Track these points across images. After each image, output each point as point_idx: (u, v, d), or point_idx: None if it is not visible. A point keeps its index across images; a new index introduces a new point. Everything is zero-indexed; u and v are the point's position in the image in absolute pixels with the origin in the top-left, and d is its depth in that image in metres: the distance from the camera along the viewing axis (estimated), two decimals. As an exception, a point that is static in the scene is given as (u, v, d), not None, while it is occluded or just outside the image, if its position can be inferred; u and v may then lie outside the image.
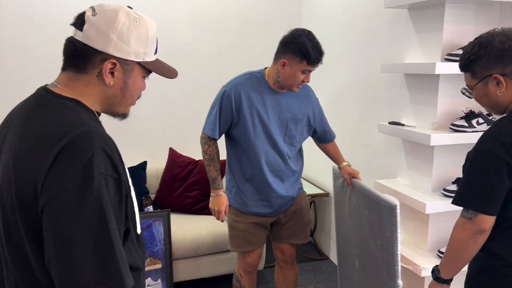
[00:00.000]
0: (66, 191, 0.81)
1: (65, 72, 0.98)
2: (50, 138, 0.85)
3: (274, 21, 3.71)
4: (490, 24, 2.15)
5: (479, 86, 1.35)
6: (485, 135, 1.31)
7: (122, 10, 0.96)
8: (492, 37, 1.30)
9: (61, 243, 0.81)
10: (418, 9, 2.29)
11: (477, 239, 1.31)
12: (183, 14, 3.47)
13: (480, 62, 1.31)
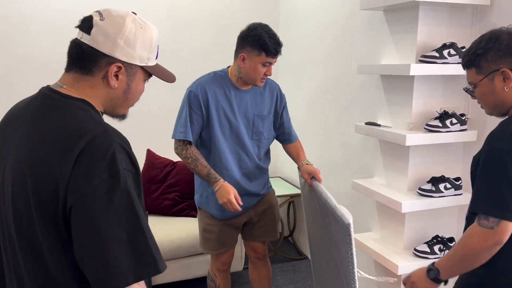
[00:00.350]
0: (94, 187, 0.85)
1: (69, 73, 1.00)
2: (69, 139, 0.88)
3: (252, 21, 3.70)
4: (462, 27, 2.20)
5: (484, 82, 1.29)
6: (498, 132, 1.24)
7: (129, 17, 1.00)
8: (499, 33, 1.28)
9: (95, 237, 0.85)
10: (393, 11, 2.33)
11: (494, 250, 1.21)
12: (162, 14, 3.44)
13: (488, 56, 1.27)
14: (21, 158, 0.92)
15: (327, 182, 3.24)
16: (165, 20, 3.45)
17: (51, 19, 3.15)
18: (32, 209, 0.89)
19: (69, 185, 0.86)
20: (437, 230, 2.28)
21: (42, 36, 3.15)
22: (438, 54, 2.08)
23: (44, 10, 3.14)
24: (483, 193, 1.21)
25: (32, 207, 0.89)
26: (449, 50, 2.09)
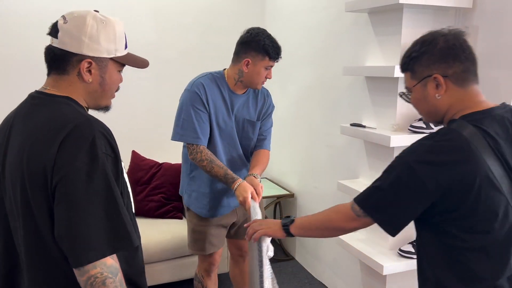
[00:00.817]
0: (76, 168, 0.94)
1: (50, 77, 1.11)
2: (54, 128, 0.98)
3: (238, 22, 3.70)
4: (446, 29, 2.23)
5: (418, 88, 1.22)
6: (414, 145, 1.17)
7: (89, 15, 1.09)
8: (436, 35, 1.19)
9: (75, 213, 0.94)
10: (377, 13, 2.35)
11: (348, 232, 1.32)
12: (146, 14, 3.41)
13: (421, 60, 1.19)
14: (16, 152, 1.02)
15: (313, 183, 3.25)
16: (150, 20, 3.43)
17: (33, 17, 3.10)
18: (29, 194, 0.98)
19: (54, 167, 0.95)
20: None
21: (23, 35, 3.10)
22: (421, 56, 2.10)
23: (23, 9, 3.09)
24: (372, 188, 1.21)
25: (28, 193, 0.98)
26: (433, 52, 2.11)
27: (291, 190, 3.54)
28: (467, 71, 1.17)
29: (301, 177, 3.45)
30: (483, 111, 1.16)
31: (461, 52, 1.16)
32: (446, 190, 1.09)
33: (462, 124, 1.13)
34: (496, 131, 1.13)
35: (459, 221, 1.12)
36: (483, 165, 1.08)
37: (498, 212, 1.10)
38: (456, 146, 1.09)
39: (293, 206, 3.54)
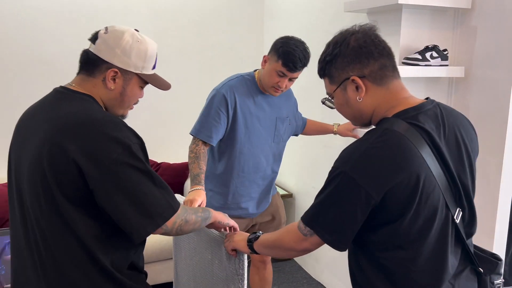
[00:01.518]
0: (114, 160, 1.05)
1: (78, 75, 1.22)
2: (79, 122, 1.08)
3: (237, 22, 3.70)
4: (444, 29, 2.23)
5: (338, 93, 1.14)
6: (349, 151, 1.07)
7: (128, 32, 1.21)
8: (347, 34, 1.12)
9: (133, 194, 1.06)
10: (376, 14, 2.34)
11: (300, 254, 1.21)
12: (144, 14, 3.40)
13: (336, 63, 1.11)
14: (38, 143, 1.09)
15: (311, 183, 3.25)
16: (148, 20, 3.41)
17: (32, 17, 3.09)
18: (51, 185, 1.05)
19: (86, 161, 1.04)
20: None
21: (22, 35, 3.09)
22: (420, 57, 2.10)
23: (20, 8, 3.07)
24: (314, 205, 1.11)
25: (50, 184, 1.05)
26: (432, 53, 2.11)
27: (290, 191, 3.54)
28: (384, 68, 1.09)
29: (299, 178, 3.44)
30: (415, 107, 1.09)
31: (373, 49, 1.09)
32: (390, 195, 1.00)
33: (397, 122, 1.05)
34: (431, 126, 1.07)
35: (400, 230, 1.04)
36: (423, 163, 1.02)
37: (437, 212, 1.05)
38: (393, 146, 1.02)
39: (292, 207, 3.53)
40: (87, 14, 3.22)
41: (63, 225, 1.08)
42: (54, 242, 1.09)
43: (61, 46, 3.18)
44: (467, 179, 1.13)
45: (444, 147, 1.08)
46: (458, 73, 2.18)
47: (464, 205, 1.12)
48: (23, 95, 3.14)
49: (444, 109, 1.15)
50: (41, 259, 1.11)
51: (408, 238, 1.05)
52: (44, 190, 1.07)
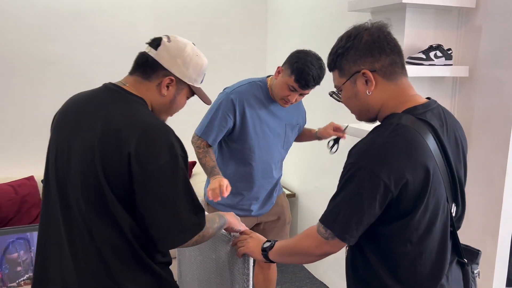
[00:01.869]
0: (160, 166, 1.09)
1: (132, 76, 1.24)
2: (135, 125, 1.10)
3: (240, 22, 3.70)
4: (449, 29, 2.22)
5: (347, 86, 1.16)
6: (364, 146, 1.09)
7: (190, 45, 1.28)
8: (360, 29, 1.14)
9: (169, 205, 1.11)
10: (380, 13, 2.34)
11: (321, 258, 1.19)
12: (148, 13, 3.40)
13: (348, 56, 1.13)
14: (90, 137, 1.11)
15: (314, 183, 3.24)
16: (151, 19, 3.42)
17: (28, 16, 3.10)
18: (100, 179, 1.09)
19: (136, 162, 1.07)
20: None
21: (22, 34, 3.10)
22: (424, 56, 2.09)
23: (23, 8, 3.08)
24: (332, 205, 1.12)
25: (100, 178, 1.09)
26: (436, 52, 2.10)
27: (293, 190, 3.53)
28: (394, 64, 1.12)
29: (303, 177, 3.44)
30: (424, 105, 1.13)
31: (385, 45, 1.11)
32: (406, 188, 1.03)
33: (408, 117, 1.08)
34: (436, 124, 1.11)
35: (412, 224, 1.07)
36: (432, 158, 1.06)
37: (440, 205, 1.09)
38: (408, 140, 1.04)
39: (295, 206, 3.53)
40: (91, 14, 3.22)
41: (109, 219, 1.11)
42: (99, 234, 1.12)
43: (65, 46, 3.19)
44: (462, 176, 1.20)
45: (447, 144, 1.12)
46: (462, 73, 2.17)
47: (458, 201, 1.18)
48: (28, 94, 3.15)
49: (444, 110, 1.20)
50: (85, 250, 1.14)
51: (417, 232, 1.08)
52: (94, 185, 1.10)
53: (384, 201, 1.04)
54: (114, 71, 3.32)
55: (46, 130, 3.26)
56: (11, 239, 2.14)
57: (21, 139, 3.16)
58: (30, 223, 2.89)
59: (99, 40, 3.28)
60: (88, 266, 1.14)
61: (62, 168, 1.17)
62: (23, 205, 2.92)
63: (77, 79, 3.26)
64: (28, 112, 3.16)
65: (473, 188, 2.21)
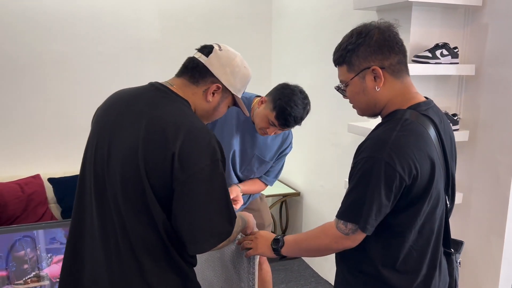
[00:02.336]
0: (201, 169, 1.10)
1: (179, 78, 1.26)
2: (181, 127, 1.11)
3: (244, 20, 3.70)
4: (455, 27, 2.21)
5: (356, 81, 1.19)
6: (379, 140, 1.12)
7: (239, 56, 1.31)
8: (371, 27, 1.17)
9: (204, 208, 1.12)
10: (386, 11, 2.33)
11: (339, 251, 1.24)
12: (153, 12, 3.41)
13: (358, 52, 1.16)
14: (135, 134, 1.13)
15: (319, 182, 3.24)
16: (155, 19, 3.42)
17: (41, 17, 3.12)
18: (142, 176, 1.10)
19: (179, 163, 1.09)
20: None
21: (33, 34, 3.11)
22: (430, 54, 2.09)
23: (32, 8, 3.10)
24: (350, 200, 1.15)
25: (141, 176, 1.10)
26: (442, 50, 2.09)
27: (297, 189, 3.53)
28: (401, 63, 1.18)
29: (308, 176, 3.44)
30: (426, 103, 1.20)
31: (395, 44, 1.16)
32: (417, 178, 1.10)
33: (413, 114, 1.15)
34: (436, 120, 1.19)
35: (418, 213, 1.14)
36: (435, 151, 1.14)
37: (440, 196, 1.17)
38: (417, 134, 1.12)
39: (299, 205, 3.53)
40: (95, 14, 3.23)
41: (145, 217, 1.13)
42: (133, 230, 1.13)
43: (72, 45, 3.20)
44: (454, 171, 1.28)
45: (444, 139, 1.20)
46: (468, 71, 2.16)
47: (449, 193, 1.25)
48: (34, 93, 3.17)
49: (439, 110, 1.27)
50: (117, 245, 1.15)
51: (420, 220, 1.14)
52: (134, 182, 1.11)
53: (399, 191, 1.10)
54: (119, 69, 3.35)
55: (52, 129, 3.29)
56: (18, 237, 2.16)
57: (28, 138, 3.18)
58: (36, 221, 2.91)
59: (105, 39, 3.29)
60: (119, 261, 1.16)
61: (101, 163, 1.17)
62: (29, 203, 2.94)
63: (83, 78, 3.28)
64: (34, 111, 3.18)
65: (479, 187, 2.20)
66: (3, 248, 2.13)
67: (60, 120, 3.26)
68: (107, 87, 1.62)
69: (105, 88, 1.54)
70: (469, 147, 2.23)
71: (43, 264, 2.20)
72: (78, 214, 1.25)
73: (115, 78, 3.33)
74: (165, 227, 1.13)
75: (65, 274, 1.26)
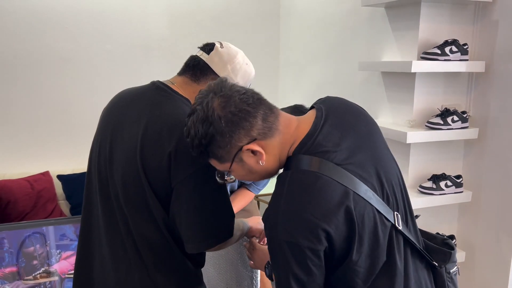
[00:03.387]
0: (199, 169, 1.08)
1: (181, 76, 1.25)
2: (178, 125, 1.09)
3: (253, 18, 3.69)
4: (464, 23, 2.19)
5: (236, 167, 1.01)
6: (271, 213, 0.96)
7: (241, 53, 1.30)
8: (207, 108, 0.96)
9: (203, 208, 1.10)
10: (394, 8, 2.31)
11: None
12: (161, 9, 3.42)
13: (217, 142, 0.96)
14: (135, 134, 1.13)
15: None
16: (164, 16, 3.43)
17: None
18: (142, 177, 1.10)
19: (175, 163, 1.08)
20: (437, 228, 2.27)
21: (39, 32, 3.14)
22: (439, 51, 2.07)
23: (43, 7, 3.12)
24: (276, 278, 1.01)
25: (141, 176, 1.10)
26: (451, 47, 2.07)
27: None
28: (265, 118, 0.98)
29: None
30: (308, 135, 0.99)
31: (246, 107, 0.96)
32: (333, 237, 0.93)
33: (300, 160, 0.96)
34: (334, 141, 0.98)
35: (353, 262, 0.97)
36: (346, 190, 0.93)
37: (377, 227, 0.97)
38: (309, 190, 0.93)
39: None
40: (104, 12, 3.25)
41: (146, 215, 1.13)
42: (136, 228, 1.14)
43: (80, 43, 3.22)
44: (392, 170, 1.07)
45: (357, 153, 0.99)
46: (478, 68, 2.13)
47: (399, 205, 1.05)
48: (44, 90, 3.19)
49: (336, 110, 1.06)
50: (122, 243, 1.16)
51: (361, 267, 0.97)
52: (134, 180, 1.11)
53: (319, 259, 0.95)
54: (128, 67, 3.37)
55: (60, 126, 3.32)
56: (28, 233, 2.18)
57: (37, 135, 3.21)
58: (45, 217, 2.94)
59: (113, 37, 3.30)
60: (124, 259, 1.16)
61: (104, 164, 1.19)
62: (39, 200, 2.97)
63: (92, 76, 3.29)
64: (43, 109, 3.20)
65: (488, 186, 2.18)
66: (14, 244, 2.16)
67: (69, 118, 3.28)
68: (116, 85, 1.63)
69: (114, 86, 1.55)
70: (479, 145, 2.21)
71: (52, 260, 2.22)
72: (87, 213, 1.26)
73: (123, 76, 3.34)
74: (167, 226, 1.13)
75: (78, 271, 1.28)
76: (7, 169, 3.12)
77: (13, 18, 3.05)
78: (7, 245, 2.16)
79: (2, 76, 3.09)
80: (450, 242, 1.16)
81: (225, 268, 1.58)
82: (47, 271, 2.21)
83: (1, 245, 2.15)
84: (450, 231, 2.29)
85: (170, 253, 1.16)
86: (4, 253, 2.15)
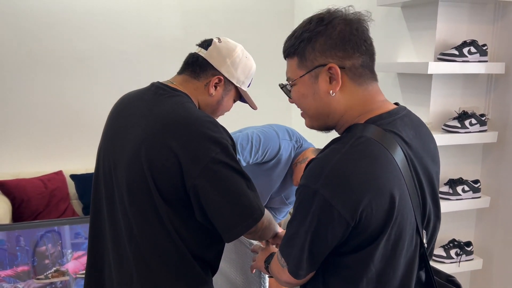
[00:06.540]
0: (213, 158, 1.06)
1: (181, 75, 1.25)
2: (182, 121, 1.09)
3: (267, 18, 3.66)
4: (484, 23, 2.13)
5: (306, 80, 0.93)
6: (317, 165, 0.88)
7: (240, 47, 1.28)
8: (335, 14, 0.94)
9: (229, 193, 1.07)
10: (411, 8, 2.26)
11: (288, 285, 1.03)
12: (174, 9, 3.42)
13: (315, 43, 0.91)
14: (136, 136, 1.11)
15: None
16: (177, 16, 3.43)
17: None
18: (147, 178, 1.08)
19: (185, 159, 1.05)
20: (454, 233, 2.21)
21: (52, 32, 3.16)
22: (457, 52, 2.01)
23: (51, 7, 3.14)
24: (288, 236, 0.94)
25: (146, 177, 1.08)
26: (470, 48, 2.02)
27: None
28: (366, 66, 0.93)
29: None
30: (390, 112, 0.93)
31: (362, 41, 0.93)
32: (366, 216, 0.85)
33: (372, 129, 0.89)
34: (408, 135, 0.92)
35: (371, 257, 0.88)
36: (400, 179, 0.87)
37: (405, 237, 0.89)
38: (370, 158, 0.85)
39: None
40: (118, 12, 3.26)
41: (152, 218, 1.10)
42: (140, 232, 1.11)
43: (94, 43, 3.24)
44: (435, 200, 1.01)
45: (419, 159, 0.94)
46: (498, 70, 2.07)
47: (429, 226, 0.99)
48: (57, 90, 3.22)
49: (416, 118, 1.01)
50: (124, 246, 1.15)
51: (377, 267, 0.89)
52: (139, 182, 1.09)
53: (340, 232, 0.87)
54: (141, 68, 3.37)
55: (74, 126, 3.34)
56: (41, 232, 2.19)
57: (50, 135, 3.24)
58: (58, 216, 2.96)
59: (127, 37, 3.31)
60: (126, 264, 1.15)
61: (108, 167, 1.18)
62: (52, 199, 2.99)
63: (106, 76, 3.31)
64: (58, 108, 3.23)
65: (507, 191, 2.12)
66: (27, 243, 2.17)
67: (82, 118, 3.30)
68: (129, 85, 1.62)
69: (127, 87, 1.54)
70: (498, 148, 2.15)
71: (64, 260, 2.23)
72: (94, 215, 1.26)
73: (137, 76, 3.35)
74: (176, 229, 1.10)
75: (88, 273, 1.28)
76: (22, 168, 3.15)
77: (30, 19, 3.09)
78: (23, 243, 2.17)
79: (18, 76, 3.12)
80: (456, 280, 1.06)
81: (234, 272, 1.57)
82: (59, 271, 2.22)
83: (18, 243, 2.17)
84: (467, 238, 2.23)
85: (179, 258, 1.13)
86: (17, 252, 2.16)
